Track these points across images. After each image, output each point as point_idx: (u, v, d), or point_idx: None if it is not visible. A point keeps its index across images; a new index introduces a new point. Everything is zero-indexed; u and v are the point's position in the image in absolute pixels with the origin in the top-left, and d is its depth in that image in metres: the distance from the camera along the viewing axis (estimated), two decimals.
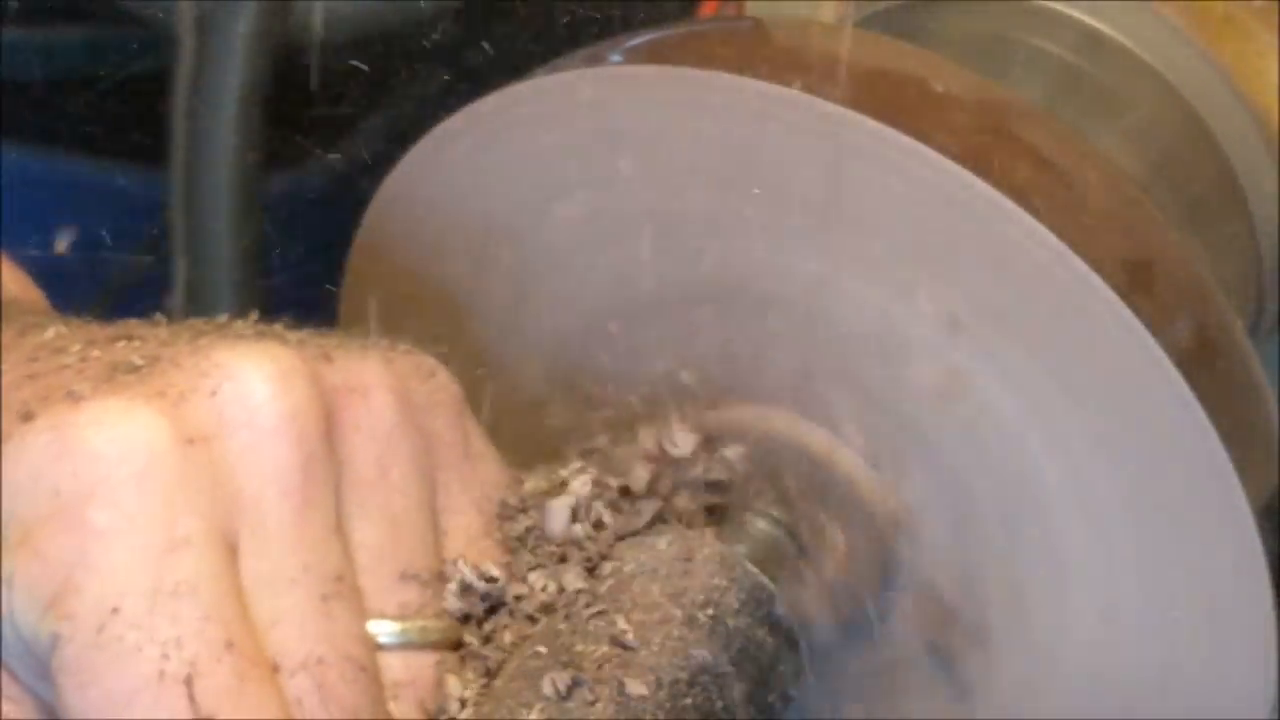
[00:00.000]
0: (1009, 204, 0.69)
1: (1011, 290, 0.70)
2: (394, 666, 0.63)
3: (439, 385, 0.67)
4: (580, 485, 0.70)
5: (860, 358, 0.74)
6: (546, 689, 0.64)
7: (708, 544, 0.69)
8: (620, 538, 0.69)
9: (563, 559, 0.68)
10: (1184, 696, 0.73)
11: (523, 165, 0.76)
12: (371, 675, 0.62)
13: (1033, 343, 0.70)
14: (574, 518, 0.69)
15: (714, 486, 0.73)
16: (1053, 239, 0.68)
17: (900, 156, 0.69)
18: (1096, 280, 0.68)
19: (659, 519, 0.71)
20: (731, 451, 0.73)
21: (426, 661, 0.64)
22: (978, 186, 0.69)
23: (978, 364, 0.71)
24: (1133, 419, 0.70)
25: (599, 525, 0.69)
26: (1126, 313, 0.68)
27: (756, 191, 0.72)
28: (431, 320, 0.81)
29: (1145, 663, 0.73)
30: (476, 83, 0.77)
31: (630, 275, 0.77)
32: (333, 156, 1.31)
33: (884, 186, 0.70)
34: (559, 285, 0.78)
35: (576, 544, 0.68)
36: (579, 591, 0.67)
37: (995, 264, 0.69)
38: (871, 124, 0.69)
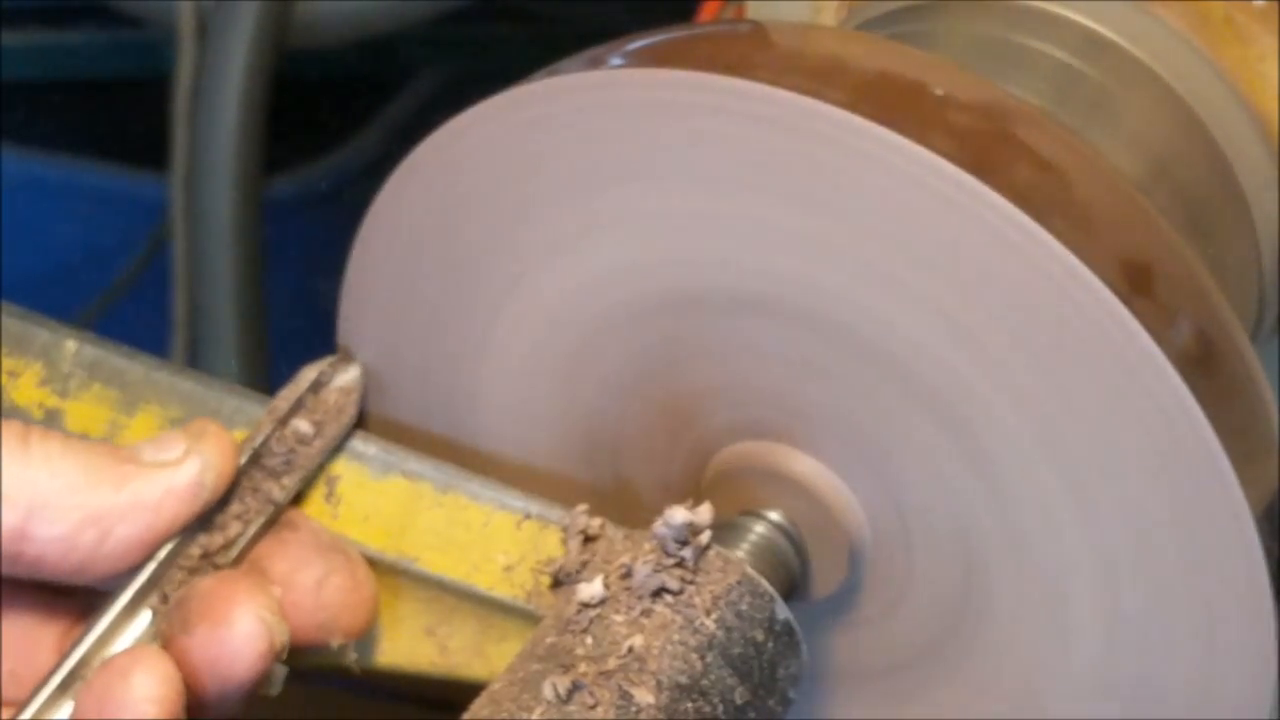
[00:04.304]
0: (1009, 206, 0.69)
1: (1011, 292, 0.70)
2: None
3: None
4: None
5: (858, 360, 0.74)
6: (547, 692, 0.64)
7: (708, 548, 0.70)
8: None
9: None
10: (1184, 697, 0.73)
11: (523, 167, 0.76)
12: None
13: (1032, 345, 0.70)
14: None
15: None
16: (1053, 241, 0.68)
17: (900, 159, 0.69)
18: (1096, 282, 0.68)
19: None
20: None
21: None
22: (978, 189, 0.69)
23: (976, 366, 0.72)
24: (1132, 421, 0.70)
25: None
26: (1126, 314, 0.68)
27: (754, 193, 0.72)
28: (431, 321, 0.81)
29: (1145, 663, 0.73)
30: (478, 85, 0.77)
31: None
32: (334, 158, 1.31)
33: (884, 189, 0.70)
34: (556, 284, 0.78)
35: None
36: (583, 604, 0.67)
37: (995, 266, 0.69)
38: (872, 126, 0.69)
